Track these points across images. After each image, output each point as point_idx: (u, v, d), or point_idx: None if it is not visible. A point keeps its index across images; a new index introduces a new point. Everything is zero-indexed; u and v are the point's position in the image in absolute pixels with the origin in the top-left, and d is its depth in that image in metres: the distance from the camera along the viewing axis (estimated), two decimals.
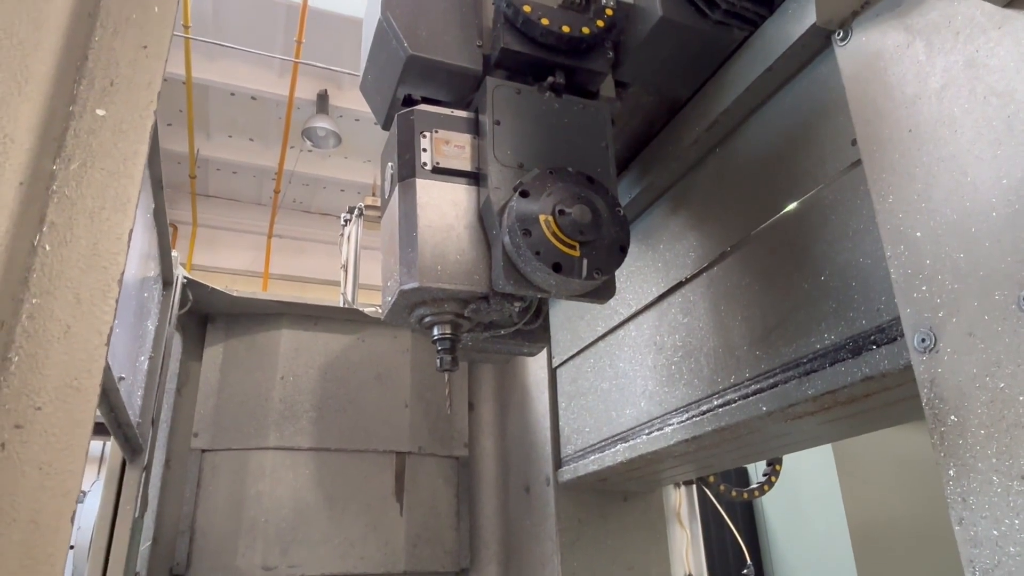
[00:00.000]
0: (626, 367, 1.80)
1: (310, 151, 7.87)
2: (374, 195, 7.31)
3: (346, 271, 4.22)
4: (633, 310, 1.78)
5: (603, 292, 1.30)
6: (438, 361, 1.36)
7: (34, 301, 0.64)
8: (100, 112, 0.72)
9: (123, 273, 0.67)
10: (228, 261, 8.58)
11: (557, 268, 1.18)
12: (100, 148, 0.72)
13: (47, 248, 0.66)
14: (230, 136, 7.89)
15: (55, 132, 0.68)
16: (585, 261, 1.19)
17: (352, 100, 7.27)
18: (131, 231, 0.70)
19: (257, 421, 2.32)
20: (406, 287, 1.23)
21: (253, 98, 7.15)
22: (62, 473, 0.60)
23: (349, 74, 6.73)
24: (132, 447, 1.78)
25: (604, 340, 1.92)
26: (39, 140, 0.65)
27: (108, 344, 0.64)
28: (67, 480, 0.60)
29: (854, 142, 1.13)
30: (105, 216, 0.70)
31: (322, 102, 7.14)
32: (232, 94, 7.09)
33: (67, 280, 0.66)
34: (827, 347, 1.18)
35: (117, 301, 0.66)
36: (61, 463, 0.60)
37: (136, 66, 0.76)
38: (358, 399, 2.43)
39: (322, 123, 7.16)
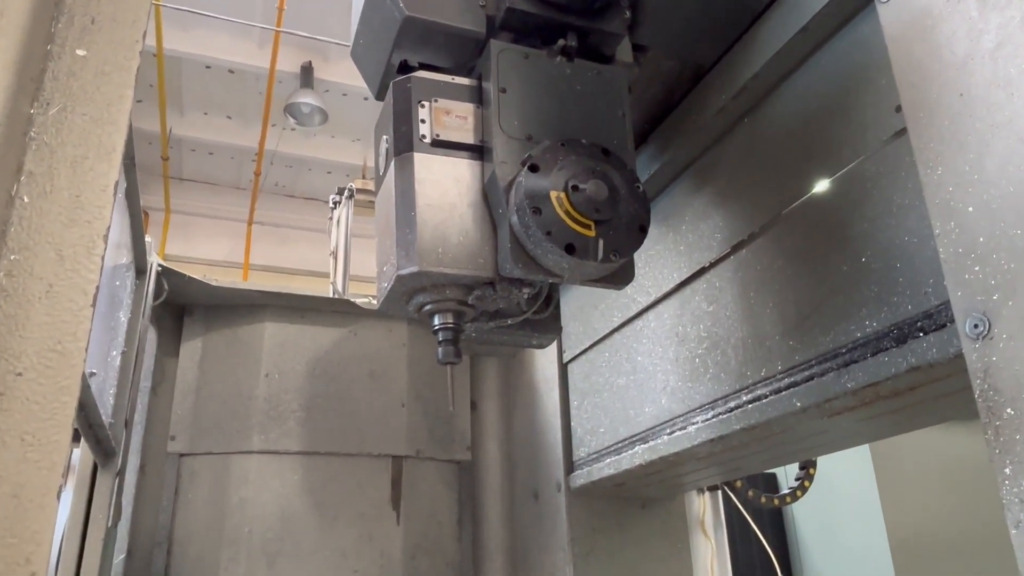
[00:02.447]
0: (645, 361, 1.81)
1: (294, 129, 7.87)
2: (364, 177, 7.30)
3: (335, 258, 4.23)
4: (653, 298, 1.79)
5: (620, 277, 1.31)
6: (439, 352, 1.37)
7: (12, 257, 0.63)
8: (80, 52, 0.71)
9: (109, 228, 0.67)
10: (204, 251, 8.61)
11: (570, 249, 1.19)
12: (81, 92, 0.71)
13: (25, 199, 0.65)
14: (205, 113, 7.90)
15: (32, 72, 0.67)
16: (601, 242, 1.21)
17: (339, 73, 7.25)
18: (117, 183, 0.69)
19: (239, 422, 2.35)
20: (404, 272, 1.25)
21: (231, 71, 7.15)
22: (46, 444, 0.60)
23: (336, 44, 6.71)
24: (104, 450, 1.79)
25: (620, 331, 1.94)
26: (16, 78, 0.64)
27: (94, 305, 0.64)
28: (52, 452, 0.60)
29: (898, 109, 1.13)
30: (88, 166, 0.69)
31: (306, 75, 7.13)
32: (207, 67, 7.09)
33: (48, 235, 0.65)
34: (868, 335, 1.19)
35: (103, 259, 0.65)
36: (45, 433, 0.59)
37: (119, 3, 0.75)
38: (350, 398, 2.45)
39: (306, 98, 7.16)
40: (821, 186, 1.29)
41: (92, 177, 0.69)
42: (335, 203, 4.51)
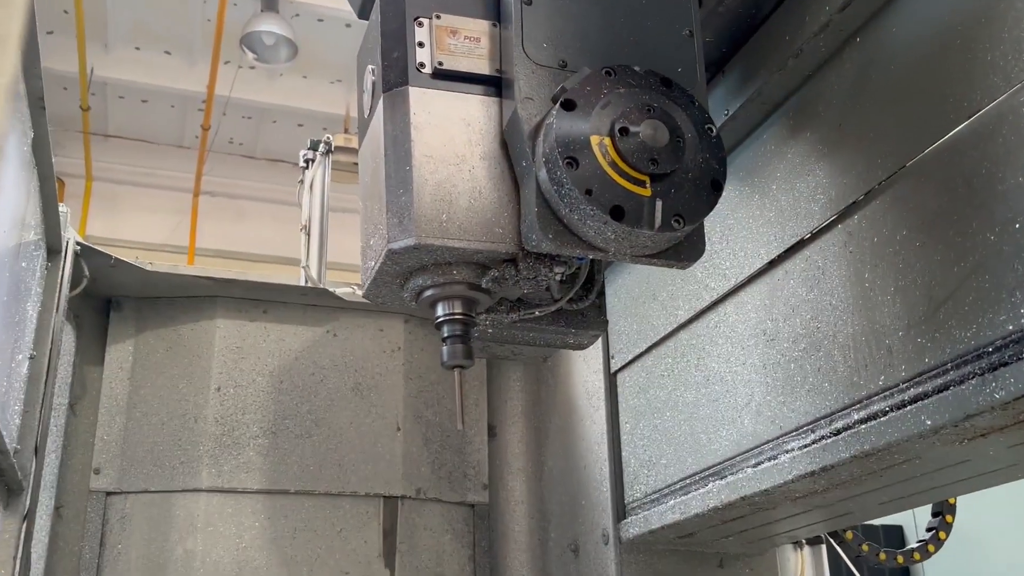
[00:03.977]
0: (721, 368, 1.82)
1: (253, 68, 7.93)
2: (347, 132, 7.33)
3: (308, 234, 4.25)
4: (732, 283, 1.79)
5: (686, 252, 1.32)
6: (443, 353, 1.40)
7: None
8: None
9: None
10: (137, 230, 8.73)
11: (617, 214, 1.22)
12: None
13: None
14: (137, 48, 8.00)
15: None
16: (659, 203, 1.24)
17: None
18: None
19: (184, 452, 2.39)
20: (397, 245, 1.29)
21: None
22: None
23: None
24: (8, 485, 1.83)
25: (688, 329, 1.95)
26: None
27: None
28: None
29: None
30: None
31: None
32: None
33: None
34: (1023, 328, 1.17)
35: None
36: None
37: None
38: (329, 420, 2.49)
39: (270, 26, 7.20)
40: (960, 128, 1.30)
41: None
42: (307, 162, 4.52)
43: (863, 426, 1.43)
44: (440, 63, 1.34)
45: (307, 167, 4.54)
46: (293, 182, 4.88)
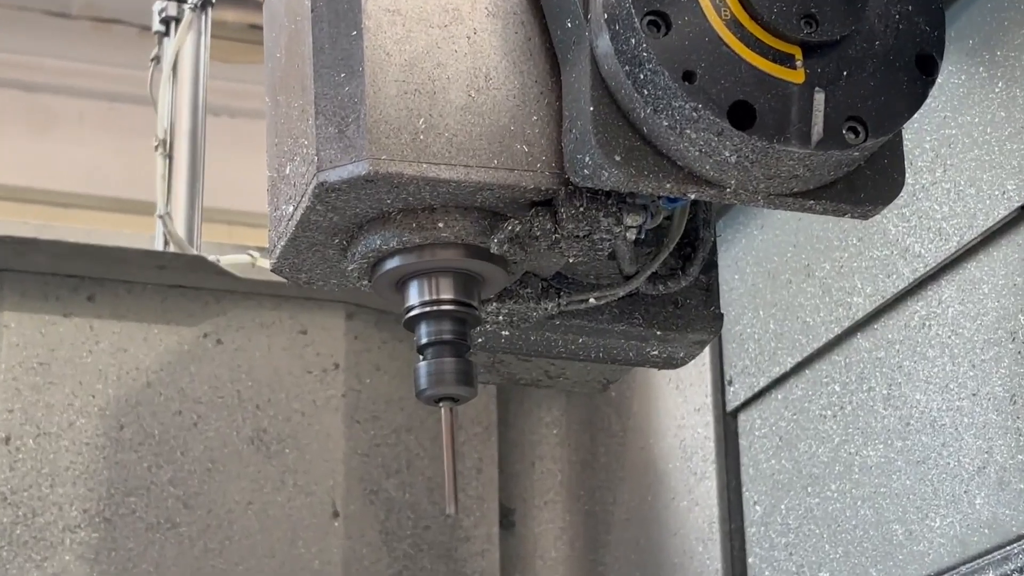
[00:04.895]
0: (933, 403, 1.54)
1: None
2: None
3: (169, 156, 3.22)
4: (953, 247, 1.50)
5: (870, 187, 1.09)
6: (421, 374, 1.14)
7: None
8: None
9: None
10: None
11: (743, 116, 0.98)
12: None
13: None
14: None
15: None
16: (820, 96, 0.99)
17: None
18: None
19: None
20: (334, 176, 1.05)
21: None
22: None
23: None
24: None
25: (869, 332, 1.64)
26: None
27: None
28: None
29: None
30: None
31: None
32: None
33: None
34: None
35: None
36: None
37: None
38: (208, 497, 1.99)
39: None
40: None
41: None
42: (165, 24, 3.36)
43: None
44: None
45: (166, 33, 3.50)
46: (139, 61, 3.66)
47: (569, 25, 1.05)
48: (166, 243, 2.66)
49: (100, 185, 5.63)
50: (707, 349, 1.63)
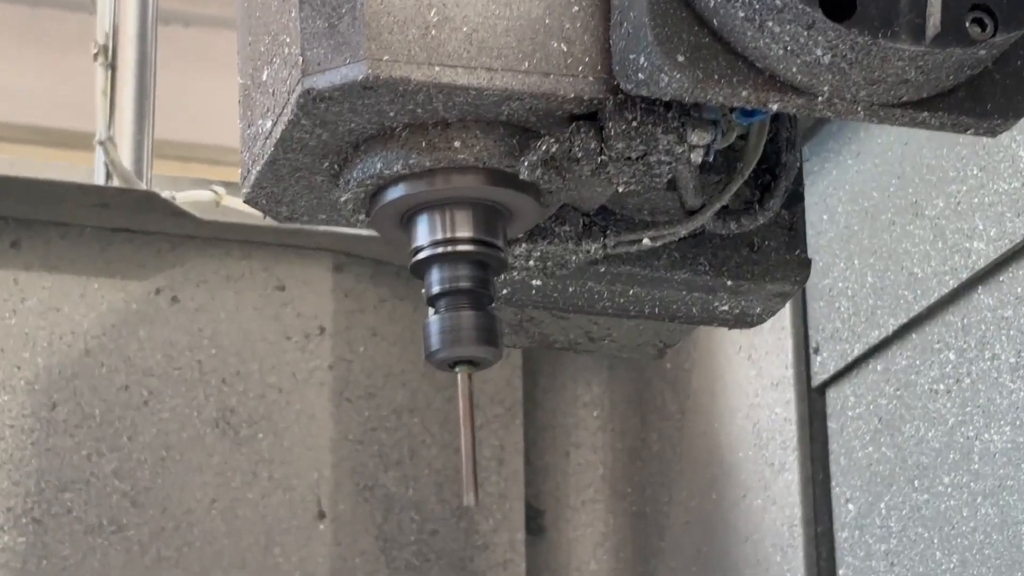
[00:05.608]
0: None
1: None
2: None
3: (112, 67, 3.04)
4: None
5: (1000, 96, 0.92)
6: (431, 332, 0.98)
7: None
8: None
9: None
10: None
11: (838, 6, 0.83)
12: None
13: None
14: None
15: None
16: None
17: None
18: None
19: None
20: (324, 81, 0.92)
21: None
22: None
23: None
24: None
25: (994, 284, 1.51)
26: None
27: None
28: None
29: None
30: None
31: None
32: None
33: None
34: None
35: None
36: None
37: None
38: (163, 491, 1.82)
39: None
40: None
41: None
42: None
43: None
44: None
45: None
46: None
47: None
48: (108, 176, 2.37)
49: (27, 109, 5.05)
50: (788, 306, 1.53)
